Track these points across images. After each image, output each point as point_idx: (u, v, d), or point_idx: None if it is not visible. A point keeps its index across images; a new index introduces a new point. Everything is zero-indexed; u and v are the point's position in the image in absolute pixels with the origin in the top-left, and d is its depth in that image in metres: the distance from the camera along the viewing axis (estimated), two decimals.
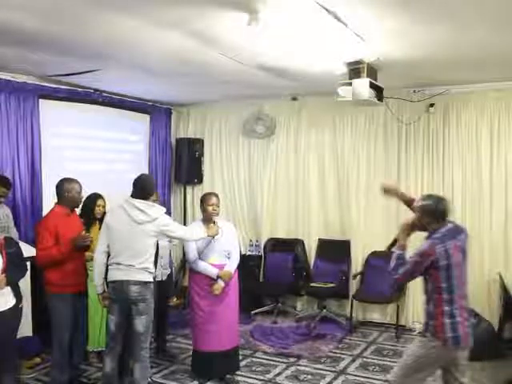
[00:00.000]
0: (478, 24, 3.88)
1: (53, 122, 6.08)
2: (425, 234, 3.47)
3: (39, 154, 5.87)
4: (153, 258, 4.18)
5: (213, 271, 4.65)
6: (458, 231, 3.48)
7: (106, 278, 4.19)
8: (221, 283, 4.62)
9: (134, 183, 4.25)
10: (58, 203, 4.46)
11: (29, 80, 5.76)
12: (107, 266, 4.16)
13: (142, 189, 4.19)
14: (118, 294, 4.08)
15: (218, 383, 4.81)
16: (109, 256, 4.16)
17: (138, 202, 4.11)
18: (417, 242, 3.53)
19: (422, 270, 3.32)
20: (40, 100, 5.89)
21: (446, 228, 3.40)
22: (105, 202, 5.17)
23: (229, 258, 4.76)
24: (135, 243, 4.06)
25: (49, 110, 6.01)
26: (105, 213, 4.98)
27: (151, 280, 4.13)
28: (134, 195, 4.18)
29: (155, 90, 6.82)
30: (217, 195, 4.86)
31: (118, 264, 4.07)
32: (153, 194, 4.33)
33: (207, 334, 4.69)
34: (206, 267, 4.66)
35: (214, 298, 4.65)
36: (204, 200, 4.78)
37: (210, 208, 4.71)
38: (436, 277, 3.31)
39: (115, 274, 4.08)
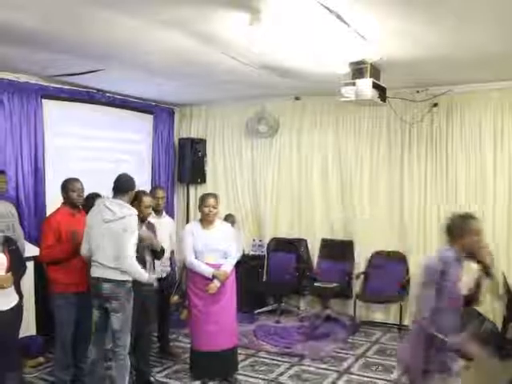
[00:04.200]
0: (480, 23, 3.88)
1: (56, 121, 6.10)
2: None
3: (42, 153, 5.89)
4: (128, 258, 4.06)
5: (208, 271, 4.66)
6: None
7: None
8: (216, 283, 4.63)
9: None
10: (63, 203, 4.57)
11: (32, 80, 5.79)
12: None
13: (116, 188, 4.23)
14: (94, 290, 4.17)
15: (221, 383, 4.81)
16: None
17: (109, 201, 4.19)
18: None
19: None
20: (43, 100, 5.92)
21: None
22: None
23: (226, 258, 4.77)
24: (105, 242, 4.09)
25: (52, 110, 6.03)
26: None
27: (125, 279, 4.11)
28: (112, 195, 4.25)
29: (158, 90, 6.82)
30: (215, 196, 4.86)
31: (95, 261, 4.15)
32: (128, 192, 4.24)
33: (204, 334, 4.71)
34: (202, 267, 4.67)
35: (210, 298, 4.67)
36: (202, 201, 4.81)
37: (207, 209, 4.73)
38: None
39: (93, 271, 4.18)
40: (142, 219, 4.53)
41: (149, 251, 4.54)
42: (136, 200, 4.48)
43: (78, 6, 3.58)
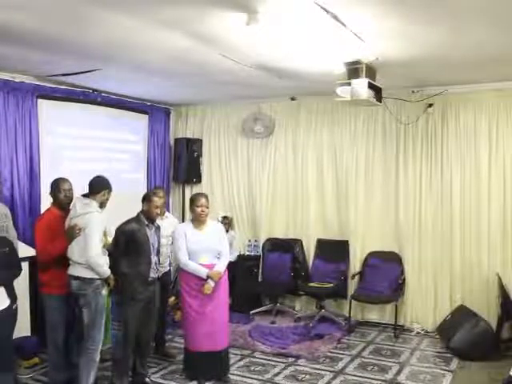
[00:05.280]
0: (476, 24, 3.88)
1: (51, 121, 6.07)
2: None
3: (38, 153, 5.87)
4: (91, 257, 4.22)
5: (202, 271, 4.66)
6: None
7: None
8: (211, 283, 4.64)
9: None
10: (52, 203, 4.58)
11: (27, 80, 5.76)
12: None
13: (89, 189, 4.46)
14: (68, 288, 4.36)
15: (217, 383, 4.82)
16: None
17: (77, 199, 4.43)
18: None
19: None
20: (38, 100, 5.89)
21: None
22: None
23: (219, 258, 4.78)
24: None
25: (47, 109, 6.01)
26: None
27: (92, 277, 4.26)
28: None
29: (154, 90, 6.81)
30: (206, 196, 4.90)
31: (69, 259, 4.34)
32: (97, 193, 4.41)
33: (196, 334, 4.72)
34: (196, 267, 4.68)
35: (203, 298, 4.68)
36: (193, 201, 4.83)
37: (199, 209, 4.75)
38: None
39: (68, 269, 4.37)
40: (152, 219, 4.56)
41: (154, 252, 4.55)
42: (145, 200, 4.55)
43: (76, 7, 3.56)
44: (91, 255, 4.19)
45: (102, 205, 4.45)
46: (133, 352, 4.54)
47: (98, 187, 4.44)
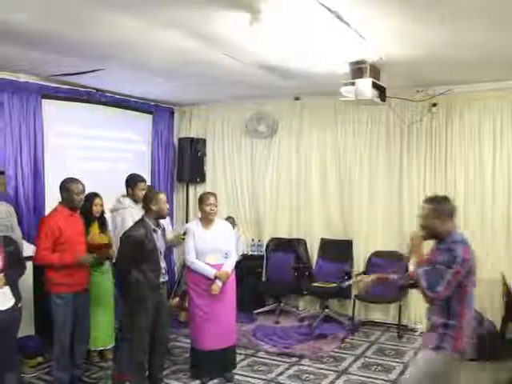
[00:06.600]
0: (479, 24, 3.88)
1: (55, 121, 6.08)
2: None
3: (42, 153, 5.87)
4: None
5: (210, 271, 4.67)
6: None
7: None
8: (218, 283, 4.65)
9: None
10: (60, 203, 4.52)
11: (31, 80, 5.77)
12: None
13: None
14: None
15: (220, 382, 4.82)
16: None
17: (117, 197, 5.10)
18: None
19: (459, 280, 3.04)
20: (43, 100, 5.89)
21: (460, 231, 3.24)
22: (102, 201, 5.14)
23: (226, 257, 4.77)
24: None
25: (51, 109, 6.01)
26: (103, 211, 5.05)
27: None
28: None
29: (158, 90, 6.82)
30: (215, 195, 4.88)
31: None
32: (127, 190, 5.04)
33: (205, 333, 4.72)
34: (204, 267, 4.69)
35: (211, 298, 4.68)
36: (202, 200, 4.81)
37: (208, 208, 4.74)
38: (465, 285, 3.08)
39: None
40: (163, 217, 4.44)
41: (162, 257, 4.46)
42: (152, 201, 4.33)
43: (78, 7, 3.57)
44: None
45: (137, 199, 4.90)
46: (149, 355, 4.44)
47: (126, 186, 5.00)
